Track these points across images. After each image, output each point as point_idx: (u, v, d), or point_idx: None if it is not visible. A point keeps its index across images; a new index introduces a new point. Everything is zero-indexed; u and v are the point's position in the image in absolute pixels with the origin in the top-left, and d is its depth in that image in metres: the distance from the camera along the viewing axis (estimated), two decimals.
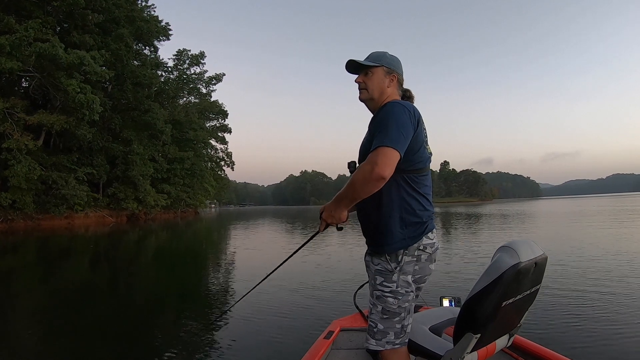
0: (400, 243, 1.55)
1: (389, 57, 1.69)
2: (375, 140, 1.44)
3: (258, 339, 3.76)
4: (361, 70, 1.69)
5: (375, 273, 1.60)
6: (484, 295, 1.45)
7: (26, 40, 23.16)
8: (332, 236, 12.47)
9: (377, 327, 1.58)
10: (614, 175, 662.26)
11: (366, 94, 1.68)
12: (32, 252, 13.40)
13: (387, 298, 1.56)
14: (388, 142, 1.40)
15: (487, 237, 13.27)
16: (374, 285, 1.61)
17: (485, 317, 1.45)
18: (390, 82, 1.67)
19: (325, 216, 1.61)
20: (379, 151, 1.40)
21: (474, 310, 1.47)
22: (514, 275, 1.41)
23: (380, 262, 1.59)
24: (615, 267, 6.77)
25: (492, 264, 1.47)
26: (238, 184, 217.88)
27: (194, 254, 12.18)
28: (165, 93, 43.24)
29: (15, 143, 23.62)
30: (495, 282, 1.42)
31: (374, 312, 1.60)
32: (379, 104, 1.64)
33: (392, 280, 1.56)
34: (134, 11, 34.96)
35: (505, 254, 1.46)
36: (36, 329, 4.44)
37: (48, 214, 27.27)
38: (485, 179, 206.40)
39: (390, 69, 1.67)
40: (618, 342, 3.39)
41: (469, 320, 1.49)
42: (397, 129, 1.44)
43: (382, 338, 1.57)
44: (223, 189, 60.16)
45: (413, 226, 1.56)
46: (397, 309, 1.56)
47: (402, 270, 1.56)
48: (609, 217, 21.28)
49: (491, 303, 1.43)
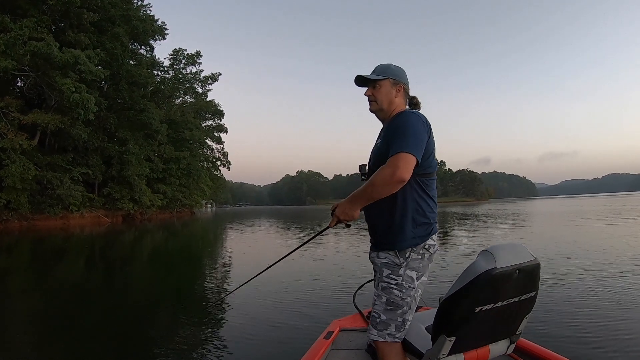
0: (411, 241, 1.65)
1: (394, 69, 1.80)
2: (395, 146, 1.54)
3: (258, 339, 3.75)
4: (369, 84, 1.80)
5: (382, 266, 1.68)
6: (456, 298, 1.44)
7: (21, 39, 23.03)
8: (332, 236, 12.47)
9: (379, 318, 1.66)
10: (610, 175, 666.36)
11: (376, 106, 1.80)
12: (27, 253, 13.31)
13: (392, 289, 1.64)
14: (407, 148, 1.52)
15: (486, 237, 13.31)
16: (380, 277, 1.69)
17: (457, 321, 1.44)
18: (397, 92, 1.78)
19: (339, 213, 1.67)
20: (399, 156, 1.51)
21: (447, 313, 1.48)
22: (488, 281, 1.37)
23: (387, 255, 1.68)
24: (614, 267, 6.79)
25: (468, 267, 1.46)
26: (234, 184, 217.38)
27: (189, 254, 12.15)
28: (161, 92, 43.08)
29: (9, 143, 23.46)
30: (467, 287, 1.40)
31: (378, 303, 1.68)
32: (389, 114, 1.78)
33: (398, 274, 1.64)
34: (130, 10, 34.78)
35: (483, 258, 1.44)
36: (31, 330, 4.40)
37: (43, 214, 27.12)
38: (481, 179, 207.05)
39: (396, 80, 1.78)
40: (621, 344, 3.38)
41: (442, 322, 1.49)
42: (414, 137, 1.56)
43: (383, 329, 1.65)
44: (219, 189, 60.15)
45: (422, 226, 1.67)
46: (400, 302, 1.63)
47: (409, 265, 1.65)
48: (606, 217, 21.37)
49: (463, 308, 1.42)
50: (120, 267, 9.55)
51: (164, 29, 40.33)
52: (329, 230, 1.88)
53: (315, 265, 7.93)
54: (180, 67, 46.10)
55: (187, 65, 46.35)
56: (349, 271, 7.19)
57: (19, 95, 27.03)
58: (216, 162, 53.80)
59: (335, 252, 9.82)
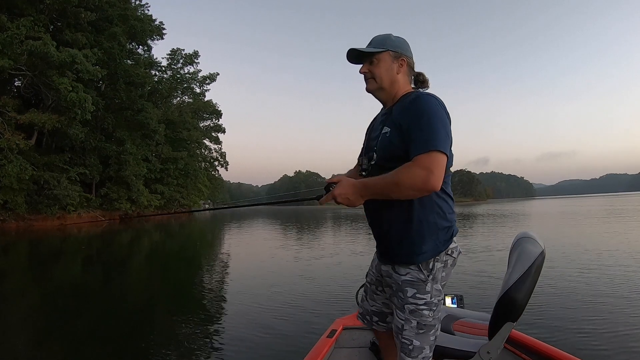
0: (433, 250, 1.40)
1: (394, 40, 1.50)
2: (422, 141, 1.27)
3: (261, 338, 3.73)
4: (365, 59, 1.50)
5: (405, 285, 1.42)
6: (521, 284, 1.52)
7: (18, 38, 22.91)
8: (331, 235, 12.42)
9: (412, 345, 1.41)
10: (608, 175, 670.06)
11: (374, 84, 1.50)
12: (24, 253, 13.23)
13: (422, 311, 1.40)
14: (439, 147, 1.24)
15: (485, 236, 13.34)
16: (403, 298, 1.42)
17: (524, 304, 1.53)
18: (400, 67, 1.49)
19: (339, 194, 1.34)
20: (433, 157, 1.23)
21: (514, 300, 1.52)
22: (541, 262, 1.56)
23: (409, 271, 1.42)
24: (608, 266, 6.88)
25: (520, 254, 1.59)
26: (232, 184, 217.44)
27: (186, 255, 12.08)
28: (159, 92, 43.02)
29: (6, 142, 23.30)
30: (529, 271, 1.52)
31: (407, 328, 1.41)
32: (393, 94, 1.50)
33: (425, 291, 1.40)
34: (128, 10, 34.66)
35: (528, 243, 1.62)
36: (27, 331, 4.36)
37: (40, 214, 26.98)
38: (479, 179, 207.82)
39: (397, 53, 1.49)
40: (612, 337, 3.47)
41: (508, 310, 1.55)
42: (444, 130, 1.30)
43: (418, 355, 1.41)
44: (217, 189, 59.98)
45: (444, 230, 1.43)
46: (432, 321, 1.41)
47: (435, 278, 1.41)
48: (602, 217, 21.42)
49: (528, 290, 1.53)
50: (117, 268, 9.48)
51: (162, 29, 40.31)
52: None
53: (317, 264, 7.97)
54: (178, 67, 46.08)
55: (185, 65, 46.35)
56: (352, 269, 7.19)
57: (16, 95, 26.90)
58: (214, 162, 53.85)
59: (337, 251, 9.81)
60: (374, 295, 1.70)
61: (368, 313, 1.74)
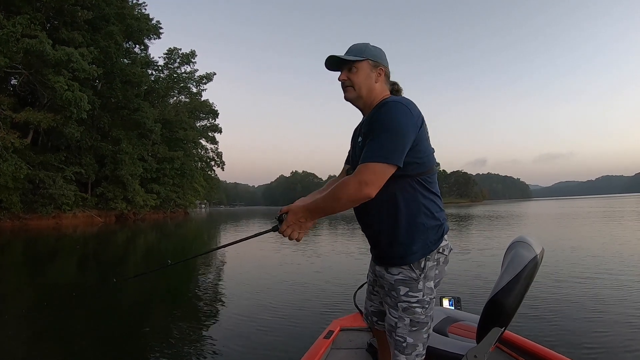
0: (423, 250, 1.44)
1: (372, 49, 1.54)
2: (367, 151, 1.32)
3: (258, 339, 3.72)
4: (344, 67, 1.52)
5: (397, 283, 1.47)
6: (510, 289, 1.51)
7: (14, 36, 22.77)
8: (328, 236, 12.43)
9: (406, 342, 1.46)
10: (604, 177, 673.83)
11: (352, 92, 1.52)
12: (19, 253, 13.15)
13: (414, 309, 1.44)
14: (380, 157, 1.29)
15: (483, 237, 13.35)
16: (396, 297, 1.47)
17: (512, 309, 1.52)
18: (378, 76, 1.53)
19: (292, 220, 1.41)
20: (369, 167, 1.30)
21: (502, 305, 1.52)
22: (533, 268, 1.52)
23: (401, 270, 1.46)
24: (603, 267, 6.90)
25: (513, 258, 1.56)
26: (228, 184, 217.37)
27: (183, 254, 12.02)
28: (155, 92, 42.81)
29: (1, 141, 23.15)
30: (519, 276, 1.50)
31: (401, 325, 1.46)
32: (370, 102, 1.52)
33: (418, 289, 1.45)
34: (125, 9, 34.54)
35: (522, 248, 1.58)
36: (23, 331, 4.33)
37: (35, 213, 26.89)
38: (475, 180, 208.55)
39: (376, 62, 1.52)
40: (606, 338, 3.49)
41: (495, 315, 1.54)
42: (393, 139, 1.32)
43: (412, 352, 1.46)
44: (213, 189, 59.93)
45: (433, 230, 1.47)
46: (425, 319, 1.46)
47: (426, 276, 1.46)
48: (599, 219, 21.52)
49: (517, 296, 1.51)
50: (112, 267, 9.44)
51: (159, 28, 40.23)
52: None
53: (314, 265, 7.96)
54: (174, 67, 45.99)
55: (182, 64, 46.24)
56: (349, 270, 7.20)
57: (11, 93, 26.73)
58: (210, 162, 53.63)
59: (335, 252, 9.81)
60: (372, 296, 1.75)
61: (369, 313, 1.78)
